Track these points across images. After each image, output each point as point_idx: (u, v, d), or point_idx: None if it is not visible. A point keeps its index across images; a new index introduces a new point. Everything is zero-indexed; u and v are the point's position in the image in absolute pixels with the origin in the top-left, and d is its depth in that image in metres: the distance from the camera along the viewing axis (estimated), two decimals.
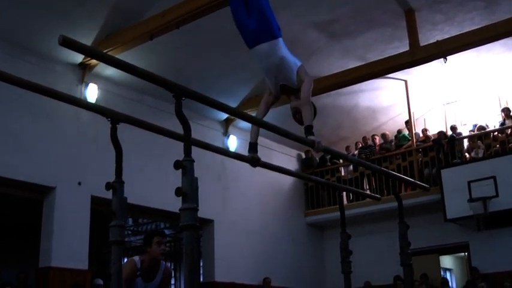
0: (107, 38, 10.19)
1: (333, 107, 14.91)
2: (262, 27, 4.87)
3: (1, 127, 9.33)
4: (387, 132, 15.89)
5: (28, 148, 9.54)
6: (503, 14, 10.76)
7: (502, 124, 14.08)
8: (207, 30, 10.52)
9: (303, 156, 16.86)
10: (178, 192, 3.26)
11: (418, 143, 14.85)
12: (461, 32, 11.15)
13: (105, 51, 9.91)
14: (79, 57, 10.34)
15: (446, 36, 11.35)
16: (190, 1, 9.14)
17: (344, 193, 15.36)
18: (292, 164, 16.17)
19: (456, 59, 12.37)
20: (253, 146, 5.11)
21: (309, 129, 4.83)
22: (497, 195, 12.06)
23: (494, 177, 12.22)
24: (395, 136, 15.81)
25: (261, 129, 5.09)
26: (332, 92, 13.45)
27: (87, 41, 9.96)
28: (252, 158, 5.07)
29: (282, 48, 4.95)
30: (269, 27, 4.89)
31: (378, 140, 15.80)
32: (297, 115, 4.99)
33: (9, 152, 9.24)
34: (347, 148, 16.06)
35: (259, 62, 5.00)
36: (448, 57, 11.16)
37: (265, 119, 5.14)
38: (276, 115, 5.15)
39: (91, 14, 9.77)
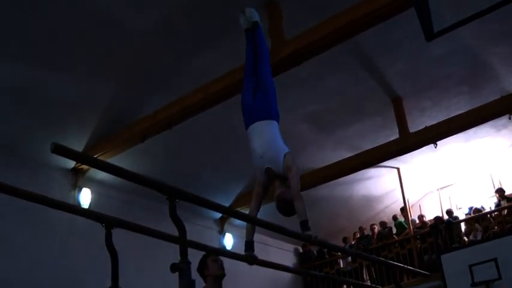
0: (99, 142, 10.24)
1: (329, 198, 14.90)
2: (263, 107, 5.23)
3: None
4: (386, 220, 15.81)
5: (23, 254, 9.38)
6: (488, 97, 10.92)
7: (498, 205, 14.05)
8: (199, 129, 10.61)
9: (300, 250, 16.68)
10: None
11: (415, 229, 14.74)
12: (449, 117, 11.27)
13: (97, 155, 9.98)
14: (71, 163, 10.35)
15: (434, 122, 11.47)
16: (180, 101, 9.24)
17: (344, 286, 15.15)
18: (290, 259, 15.98)
19: (446, 144, 12.49)
20: (249, 245, 5.08)
21: (304, 224, 4.81)
22: (500, 278, 11.85)
23: (495, 259, 12.05)
24: (394, 224, 15.71)
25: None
26: (327, 184, 13.43)
27: (80, 145, 10.02)
28: (249, 257, 5.02)
29: (275, 130, 5.17)
30: (269, 108, 5.24)
31: (376, 229, 15.66)
32: (281, 204, 4.98)
33: (3, 258, 9.06)
34: (345, 239, 15.92)
35: (251, 140, 5.18)
36: (438, 142, 11.24)
37: (260, 215, 5.12)
38: (269, 211, 5.12)
39: (83, 119, 9.86)
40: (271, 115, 5.22)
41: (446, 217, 14.65)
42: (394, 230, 15.47)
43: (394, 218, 15.72)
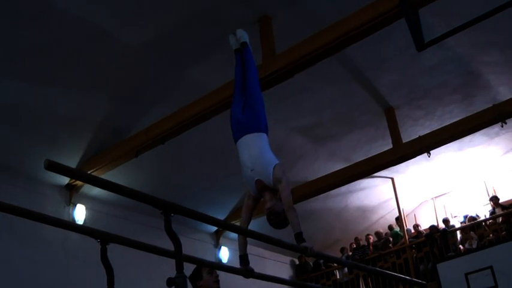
0: (93, 158, 10.23)
1: (323, 210, 14.90)
2: (251, 120, 5.24)
3: None
4: (381, 230, 15.81)
5: (16, 272, 9.32)
6: (480, 105, 10.97)
7: (492, 213, 14.07)
8: (193, 143, 10.61)
9: (296, 262, 16.66)
10: None
11: (410, 239, 14.75)
12: (442, 126, 11.31)
13: (91, 170, 9.98)
14: (65, 179, 10.35)
15: (427, 131, 11.51)
16: (174, 116, 9.25)
17: None
18: (286, 271, 15.95)
19: (440, 153, 12.52)
20: (244, 258, 5.08)
21: (299, 236, 4.81)
22: (496, 286, 11.85)
23: (491, 267, 12.05)
24: (387, 233, 15.69)
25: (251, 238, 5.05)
26: (321, 196, 13.45)
27: (73, 161, 10.03)
28: (245, 271, 5.01)
29: (264, 142, 5.18)
30: (257, 121, 5.25)
31: (371, 239, 15.65)
32: (271, 217, 4.98)
33: None
34: (342, 249, 15.91)
35: (241, 153, 5.19)
36: (431, 151, 11.27)
37: (256, 228, 5.12)
38: (265, 224, 5.11)
39: (77, 135, 9.85)
40: (260, 128, 5.24)
41: (441, 226, 14.66)
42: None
43: (390, 228, 15.72)
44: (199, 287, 4.79)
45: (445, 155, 13.45)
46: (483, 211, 14.92)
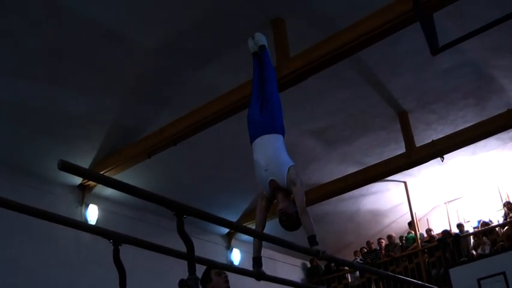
0: (105, 158, 10.26)
1: (335, 214, 14.86)
2: (268, 121, 5.25)
3: (0, 251, 9.19)
4: (393, 234, 15.75)
5: (28, 272, 9.35)
6: (494, 110, 10.91)
7: (506, 218, 13.98)
8: (205, 145, 10.62)
9: (308, 264, 16.63)
10: None
11: (423, 243, 14.69)
12: (456, 130, 11.28)
13: (104, 171, 10.01)
14: (78, 179, 10.37)
15: (441, 136, 11.47)
16: (186, 117, 9.27)
17: None
18: (297, 274, 15.92)
19: (453, 157, 12.46)
20: (257, 261, 5.06)
21: (312, 239, 4.79)
22: None
23: (504, 273, 12.00)
24: (400, 237, 15.64)
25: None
26: (333, 199, 13.42)
27: (86, 162, 10.06)
28: (257, 273, 5.00)
29: (280, 143, 5.18)
30: (274, 122, 5.26)
31: (384, 243, 15.60)
32: (283, 218, 4.96)
33: (8, 277, 9.04)
34: (355, 253, 15.88)
35: (255, 153, 5.17)
36: (444, 156, 11.23)
37: (268, 230, 5.10)
38: (277, 226, 5.10)
39: (89, 135, 9.88)
40: (277, 129, 5.23)
41: (454, 231, 14.59)
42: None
43: (409, 233, 15.66)
44: None
45: (459, 159, 13.39)
46: (496, 216, 14.83)
